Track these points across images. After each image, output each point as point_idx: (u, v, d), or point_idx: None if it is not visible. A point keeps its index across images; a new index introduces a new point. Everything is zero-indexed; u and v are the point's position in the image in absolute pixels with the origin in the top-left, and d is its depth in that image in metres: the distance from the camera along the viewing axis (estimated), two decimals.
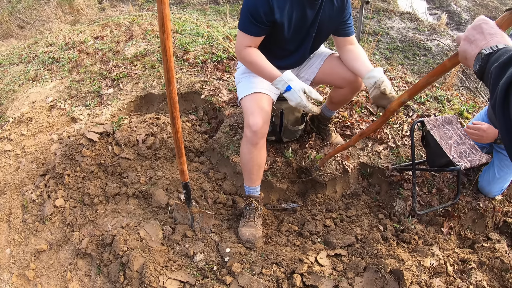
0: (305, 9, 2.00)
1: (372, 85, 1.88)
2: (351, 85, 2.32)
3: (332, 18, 2.12)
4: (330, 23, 2.15)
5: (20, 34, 7.15)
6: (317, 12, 2.05)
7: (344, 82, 2.33)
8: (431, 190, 2.68)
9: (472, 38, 1.01)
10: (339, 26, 2.18)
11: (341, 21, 2.15)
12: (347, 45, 2.23)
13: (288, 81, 1.88)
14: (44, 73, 4.28)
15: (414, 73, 6.29)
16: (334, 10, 2.09)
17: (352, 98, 2.55)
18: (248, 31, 1.99)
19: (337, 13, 2.11)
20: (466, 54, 1.04)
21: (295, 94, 1.86)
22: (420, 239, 2.39)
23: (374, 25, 7.91)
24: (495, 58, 0.87)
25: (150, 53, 4.08)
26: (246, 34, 2.00)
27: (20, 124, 3.48)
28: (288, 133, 2.69)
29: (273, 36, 2.10)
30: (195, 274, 2.00)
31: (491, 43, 0.94)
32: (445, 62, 1.32)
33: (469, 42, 1.02)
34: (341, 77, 2.32)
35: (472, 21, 6.76)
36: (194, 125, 3.14)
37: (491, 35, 0.97)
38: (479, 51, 0.96)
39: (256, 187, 2.31)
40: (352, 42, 2.24)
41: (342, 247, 2.28)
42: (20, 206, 2.70)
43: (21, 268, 2.39)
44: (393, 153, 2.87)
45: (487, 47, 0.93)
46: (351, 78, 2.27)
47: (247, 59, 2.04)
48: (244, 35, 2.01)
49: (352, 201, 2.75)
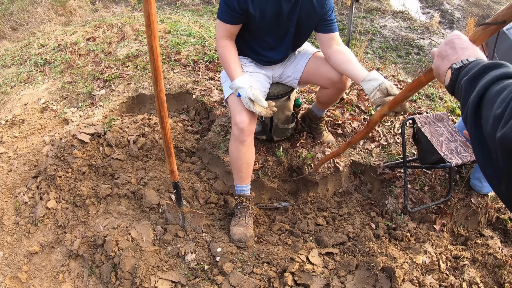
0: (280, 1, 2.01)
1: (373, 88, 1.88)
2: (336, 85, 2.32)
3: (311, 13, 2.11)
4: (309, 18, 2.13)
5: (13, 36, 7.11)
6: (294, 6, 2.05)
7: (328, 82, 2.33)
8: (423, 187, 2.69)
9: (445, 54, 1.02)
10: (320, 22, 2.16)
11: (322, 17, 2.14)
12: (334, 45, 2.20)
13: (238, 89, 2.02)
14: (37, 75, 4.27)
15: (407, 71, 6.31)
16: (313, 5, 2.07)
17: (339, 98, 2.54)
18: (223, 19, 2.06)
19: (317, 7, 2.09)
20: (438, 70, 1.04)
21: (244, 100, 1.99)
22: (413, 236, 2.39)
23: (367, 24, 7.93)
24: (466, 72, 0.88)
25: (142, 54, 4.07)
26: (222, 22, 2.08)
27: (12, 126, 3.47)
28: (278, 132, 2.69)
29: (247, 28, 2.15)
30: (186, 274, 2.00)
31: (462, 58, 0.95)
32: (421, 77, 1.34)
33: (442, 58, 1.03)
34: (325, 77, 2.31)
35: (465, 20, 6.79)
36: (185, 125, 3.14)
37: (462, 49, 0.98)
38: (450, 66, 0.96)
39: (246, 185, 2.31)
40: (338, 41, 2.22)
41: (334, 245, 2.29)
42: (12, 209, 2.69)
43: (14, 270, 2.38)
44: (384, 151, 2.87)
45: (458, 61, 0.94)
46: (335, 78, 2.27)
47: (219, 51, 2.14)
48: (220, 24, 2.10)
49: (344, 200, 2.75)
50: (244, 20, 2.08)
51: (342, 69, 2.15)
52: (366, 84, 1.92)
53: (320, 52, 2.36)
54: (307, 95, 3.39)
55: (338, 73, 2.23)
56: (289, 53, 2.38)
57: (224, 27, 2.09)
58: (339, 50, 2.18)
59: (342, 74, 2.22)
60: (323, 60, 2.31)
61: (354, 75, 2.06)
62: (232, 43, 2.15)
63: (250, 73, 2.30)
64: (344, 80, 2.27)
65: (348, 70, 2.11)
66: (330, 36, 2.19)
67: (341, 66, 2.15)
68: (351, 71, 2.09)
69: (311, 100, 3.31)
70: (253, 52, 2.31)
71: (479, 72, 0.82)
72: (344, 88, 2.35)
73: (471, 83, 0.82)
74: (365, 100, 3.31)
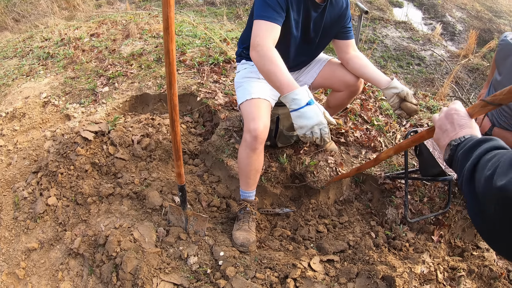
0: (309, 11, 2.07)
1: (393, 94, 2.11)
2: (350, 88, 2.43)
3: (334, 22, 2.21)
4: (332, 27, 2.24)
5: (15, 28, 7.06)
6: (321, 16, 2.13)
7: (343, 85, 2.43)
8: (423, 198, 2.72)
9: (444, 128, 1.14)
10: (340, 30, 2.27)
11: (342, 25, 2.25)
12: (351, 51, 2.33)
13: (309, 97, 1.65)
14: (39, 68, 4.24)
15: (407, 82, 6.37)
16: (336, 14, 2.18)
17: (348, 103, 2.64)
18: (268, 18, 1.83)
19: (339, 17, 2.20)
20: (439, 141, 1.17)
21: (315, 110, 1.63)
22: (411, 246, 2.42)
23: (369, 33, 7.99)
24: (462, 147, 1.01)
25: (147, 53, 4.07)
26: (268, 21, 1.83)
27: (12, 119, 3.45)
28: (283, 138, 2.71)
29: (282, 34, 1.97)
30: (188, 277, 2.00)
31: (459, 135, 1.07)
32: (423, 132, 1.49)
33: (442, 132, 1.15)
34: (341, 80, 2.41)
35: (466, 33, 6.84)
36: (189, 127, 3.14)
37: (460, 126, 1.10)
38: (449, 142, 1.09)
39: (251, 191, 2.33)
40: (354, 47, 2.35)
41: (334, 253, 2.30)
42: (11, 203, 2.67)
43: (11, 266, 2.36)
44: (386, 161, 2.90)
45: (456, 138, 1.06)
46: (351, 81, 2.38)
47: (268, 55, 1.76)
48: (264, 24, 1.83)
49: (344, 208, 2.77)
50: (283, 22, 1.94)
51: (361, 73, 2.30)
52: (387, 90, 2.12)
53: (335, 59, 2.49)
54: None
55: (354, 76, 2.36)
56: (310, 60, 2.50)
57: (269, 27, 1.83)
58: (357, 56, 2.33)
59: (358, 78, 2.36)
60: (339, 64, 2.43)
61: (376, 79, 2.22)
62: None
63: (263, 79, 2.32)
64: (359, 84, 2.41)
65: (368, 74, 2.26)
66: (348, 42, 2.33)
67: (360, 71, 2.29)
68: (372, 75, 2.24)
69: None
70: None
71: (473, 145, 0.96)
72: (357, 92, 2.47)
73: (466, 155, 0.95)
74: (368, 110, 3.34)
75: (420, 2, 10.51)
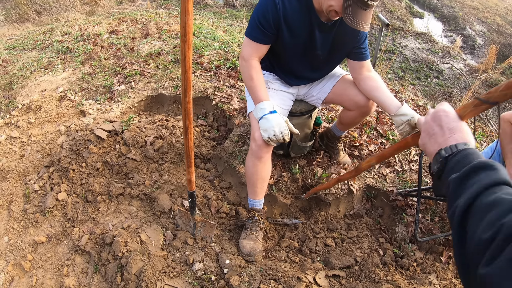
0: (313, 28, 2.01)
1: (402, 122, 1.94)
2: (361, 109, 2.33)
3: (346, 41, 2.11)
4: (344, 44, 2.14)
5: (36, 19, 7.18)
6: (328, 33, 2.05)
7: (354, 105, 2.33)
8: (434, 218, 2.67)
9: (432, 132, 0.97)
10: (353, 50, 2.16)
11: (355, 45, 2.14)
12: (364, 72, 2.20)
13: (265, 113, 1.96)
14: (57, 62, 4.29)
15: (424, 94, 6.29)
16: (347, 33, 2.06)
17: (361, 121, 2.54)
18: (253, 37, 2.01)
19: (352, 35, 2.09)
20: (425, 148, 0.99)
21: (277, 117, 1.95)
22: (419, 266, 2.37)
23: (388, 43, 7.92)
24: (455, 163, 0.84)
25: (165, 53, 4.08)
26: (252, 40, 2.02)
27: (28, 112, 3.49)
28: (296, 148, 2.69)
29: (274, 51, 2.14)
30: (193, 283, 1.99)
31: (450, 142, 0.90)
32: (408, 138, 1.39)
33: (429, 136, 0.98)
34: (351, 99, 2.31)
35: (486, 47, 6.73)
36: (202, 130, 3.14)
37: (450, 130, 0.93)
38: (438, 150, 0.92)
39: (259, 200, 2.31)
40: (369, 68, 2.22)
41: (341, 268, 2.27)
42: (22, 195, 2.70)
43: (18, 257, 2.38)
44: (399, 177, 2.86)
45: (446, 147, 0.89)
46: (362, 102, 2.27)
47: (246, 70, 2.05)
48: (249, 42, 2.03)
49: (354, 222, 2.74)
50: (274, 40, 2.05)
51: (372, 96, 2.16)
52: (396, 117, 1.96)
53: (349, 75, 2.37)
54: (326, 112, 3.38)
55: (365, 97, 2.24)
56: (318, 79, 2.40)
57: (254, 46, 2.03)
58: (370, 77, 2.18)
59: (369, 99, 2.23)
60: (352, 82, 2.31)
61: (385, 105, 2.07)
62: (259, 64, 2.08)
63: (275, 90, 2.31)
64: (370, 105, 2.28)
65: (378, 97, 2.12)
66: (361, 64, 2.19)
67: (371, 93, 2.16)
68: (382, 100, 2.10)
69: (330, 118, 3.29)
70: (282, 71, 2.31)
71: (469, 171, 0.78)
72: (369, 113, 2.36)
73: (459, 184, 0.78)
74: (384, 123, 3.29)
75: (441, 13, 10.40)
